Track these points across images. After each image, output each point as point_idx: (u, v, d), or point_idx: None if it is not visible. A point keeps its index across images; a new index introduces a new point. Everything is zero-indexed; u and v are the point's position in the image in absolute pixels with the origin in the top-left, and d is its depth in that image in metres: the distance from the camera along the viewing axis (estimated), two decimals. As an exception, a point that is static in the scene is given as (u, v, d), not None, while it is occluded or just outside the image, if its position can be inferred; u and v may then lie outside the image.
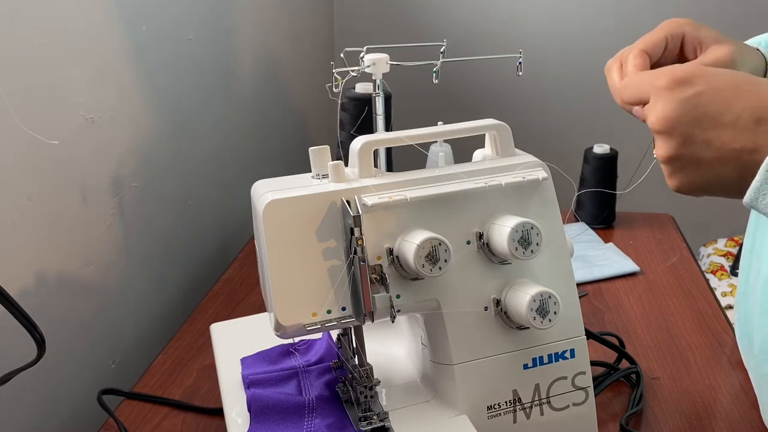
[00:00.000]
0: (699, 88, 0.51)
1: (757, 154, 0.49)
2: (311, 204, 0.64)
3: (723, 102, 0.50)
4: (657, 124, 0.53)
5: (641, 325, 1.05)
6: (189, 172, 1.24)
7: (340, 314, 0.65)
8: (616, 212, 1.41)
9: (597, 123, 2.09)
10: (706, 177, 0.52)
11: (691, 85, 0.51)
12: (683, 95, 0.51)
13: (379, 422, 0.66)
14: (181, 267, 1.23)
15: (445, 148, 1.18)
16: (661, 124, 0.52)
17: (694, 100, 0.51)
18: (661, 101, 0.52)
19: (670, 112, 0.52)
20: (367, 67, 0.78)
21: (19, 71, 0.81)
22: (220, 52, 1.36)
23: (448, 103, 2.09)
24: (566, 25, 2.07)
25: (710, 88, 0.51)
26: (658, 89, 0.53)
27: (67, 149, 0.90)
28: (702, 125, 0.51)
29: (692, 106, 0.51)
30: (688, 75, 0.52)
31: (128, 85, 1.04)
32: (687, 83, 0.52)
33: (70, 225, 0.92)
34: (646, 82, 0.55)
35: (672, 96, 0.52)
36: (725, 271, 1.91)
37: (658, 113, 0.52)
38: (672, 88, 0.52)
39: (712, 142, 0.51)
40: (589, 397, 0.71)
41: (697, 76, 0.52)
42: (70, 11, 0.90)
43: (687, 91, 0.51)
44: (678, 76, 0.52)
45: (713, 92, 0.51)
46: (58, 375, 0.91)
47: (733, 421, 0.84)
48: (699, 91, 0.51)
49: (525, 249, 0.64)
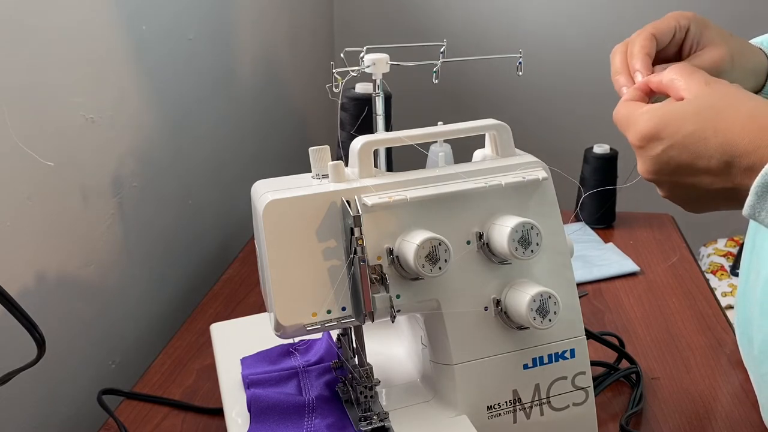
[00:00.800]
0: (667, 142, 0.53)
1: (739, 191, 0.51)
2: (311, 204, 0.64)
3: (691, 153, 0.52)
4: (644, 175, 0.57)
5: (641, 325, 1.05)
6: (189, 172, 1.24)
7: (340, 314, 0.65)
8: (616, 212, 1.41)
9: (597, 123, 2.08)
10: (702, 206, 0.56)
11: (659, 141, 0.54)
12: (654, 152, 0.54)
13: (379, 422, 0.66)
14: (181, 267, 1.23)
15: (445, 148, 1.18)
16: (648, 176, 0.56)
17: (665, 156, 0.54)
18: (640, 158, 0.56)
19: (650, 167, 0.55)
20: (367, 67, 0.78)
21: (20, 71, 0.81)
22: (220, 52, 1.36)
23: (448, 103, 2.09)
24: (566, 25, 2.07)
25: (676, 141, 0.53)
26: (633, 145, 0.56)
27: (67, 149, 0.90)
28: (682, 173, 0.54)
29: (665, 160, 0.54)
30: (653, 131, 0.54)
31: (128, 85, 1.04)
32: (654, 139, 0.54)
33: (70, 225, 0.92)
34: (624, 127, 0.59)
35: (645, 154, 0.55)
36: (725, 271, 1.91)
37: (641, 168, 0.56)
38: (643, 146, 0.55)
39: (696, 185, 0.54)
40: (589, 397, 0.71)
41: (662, 129, 0.54)
42: (70, 11, 0.90)
43: (656, 148, 0.54)
44: (644, 133, 0.55)
45: (680, 146, 0.53)
46: (58, 375, 0.91)
47: (733, 422, 0.84)
48: (668, 145, 0.53)
49: (525, 249, 0.64)
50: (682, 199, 0.57)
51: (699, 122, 0.52)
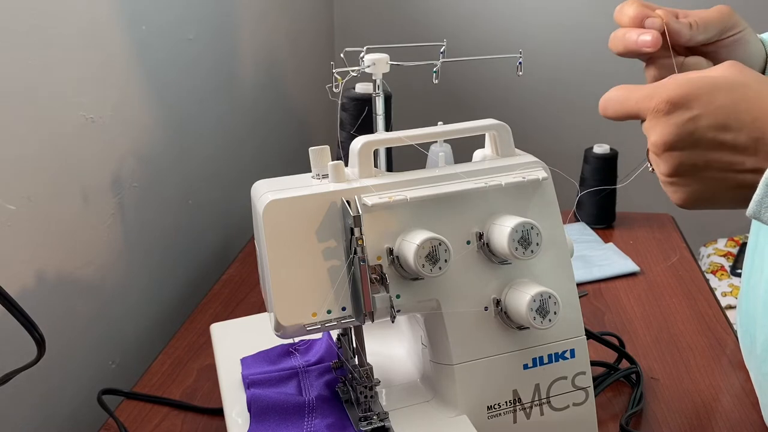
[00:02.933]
0: (696, 111, 0.50)
1: (758, 173, 0.49)
2: (311, 204, 0.64)
3: (720, 124, 0.49)
4: (656, 148, 0.52)
5: (641, 325, 1.05)
6: (189, 172, 1.24)
7: (340, 314, 0.65)
8: (616, 212, 1.42)
9: (597, 123, 2.08)
10: (709, 193, 0.52)
11: (688, 109, 0.50)
12: (680, 119, 0.50)
13: (379, 422, 0.66)
14: (181, 267, 1.23)
15: (445, 148, 1.18)
16: (661, 148, 0.51)
17: (691, 124, 0.50)
18: (659, 126, 0.51)
19: (669, 136, 0.50)
20: (367, 67, 0.78)
21: (20, 71, 0.81)
22: (221, 52, 1.36)
23: (448, 103, 2.09)
24: (566, 25, 2.07)
25: (706, 111, 0.50)
26: (654, 113, 0.51)
27: (67, 149, 0.90)
28: (701, 147, 0.50)
29: (690, 130, 0.50)
30: (683, 98, 0.50)
31: (128, 85, 1.04)
32: (683, 107, 0.50)
33: (70, 225, 0.92)
34: (635, 100, 0.53)
35: (669, 120, 0.50)
36: (725, 271, 1.91)
37: (657, 138, 0.51)
38: (669, 112, 0.50)
39: (712, 163, 0.50)
40: (589, 397, 0.71)
41: (694, 99, 0.50)
42: (71, 11, 0.90)
43: (684, 115, 0.50)
44: (673, 99, 0.50)
45: (710, 115, 0.49)
46: (58, 375, 0.91)
47: (734, 422, 0.84)
48: (696, 114, 0.50)
49: (525, 249, 0.64)
50: (690, 180, 0.52)
51: (732, 95, 0.49)
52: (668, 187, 0.54)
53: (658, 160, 0.53)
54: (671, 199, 0.54)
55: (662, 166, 0.52)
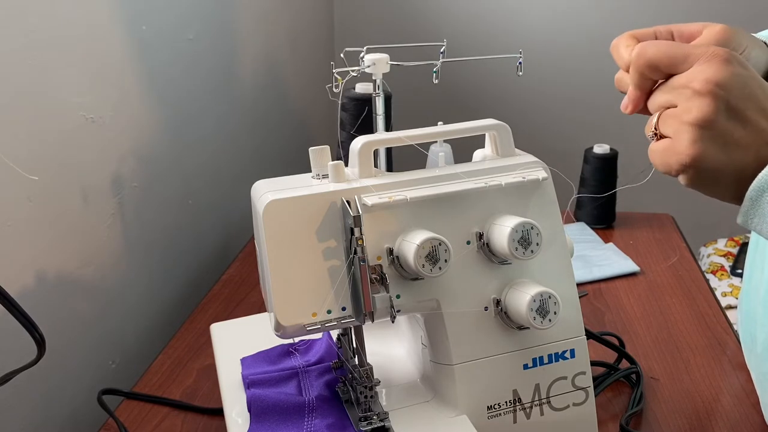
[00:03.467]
0: (751, 72, 0.52)
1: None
2: (311, 204, 0.64)
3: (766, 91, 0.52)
4: (706, 84, 0.51)
5: (641, 325, 1.05)
6: (189, 172, 1.24)
7: (340, 314, 0.65)
8: (616, 212, 1.42)
9: (597, 123, 2.09)
10: (725, 154, 0.51)
11: (745, 67, 0.52)
12: (739, 70, 0.52)
13: (379, 422, 0.66)
14: (181, 267, 1.23)
15: (445, 148, 1.18)
16: (712, 87, 0.51)
17: (746, 79, 0.52)
18: (715, 66, 0.52)
19: (724, 78, 0.51)
20: (367, 67, 0.78)
21: (20, 71, 0.81)
22: (221, 52, 1.36)
23: (448, 103, 2.09)
24: (566, 25, 2.07)
25: (757, 77, 0.53)
26: (715, 56, 0.52)
27: (67, 149, 0.90)
28: (747, 103, 0.51)
29: (744, 82, 0.52)
30: (741, 59, 0.53)
31: (128, 85, 1.04)
32: (743, 64, 0.53)
33: (70, 225, 0.92)
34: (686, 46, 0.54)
35: (728, 67, 0.52)
36: (725, 271, 1.91)
37: (711, 75, 0.51)
38: (730, 60, 0.52)
39: (749, 122, 0.51)
40: (589, 397, 0.71)
41: (747, 66, 0.53)
42: (71, 11, 0.90)
43: (742, 69, 0.52)
44: (735, 55, 0.53)
45: (760, 81, 0.52)
46: (58, 375, 0.91)
47: (734, 422, 0.84)
48: (751, 74, 0.52)
49: (525, 249, 0.64)
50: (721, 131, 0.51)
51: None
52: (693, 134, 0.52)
53: (699, 101, 0.52)
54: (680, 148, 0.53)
55: (701, 108, 0.52)
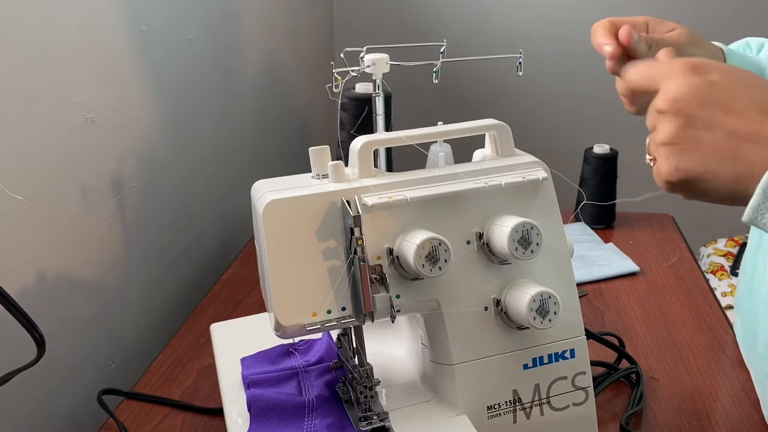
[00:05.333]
0: (715, 76, 0.52)
1: (757, 144, 0.50)
2: (311, 204, 0.64)
3: (735, 91, 0.51)
4: (664, 104, 0.53)
5: (641, 325, 1.05)
6: (189, 172, 1.24)
7: (340, 314, 0.65)
8: (616, 212, 1.41)
9: (597, 123, 2.09)
10: (702, 164, 0.52)
11: (707, 73, 0.52)
12: (696, 80, 0.52)
13: (379, 422, 0.66)
14: (181, 267, 1.23)
15: (445, 148, 1.18)
16: (669, 104, 0.52)
17: (706, 86, 0.52)
18: (674, 83, 0.53)
19: (680, 93, 0.52)
20: (367, 67, 0.78)
21: (20, 71, 0.81)
22: (220, 52, 1.36)
23: (448, 103, 2.09)
24: (566, 25, 2.07)
25: (726, 77, 0.52)
26: (673, 72, 0.53)
27: (67, 149, 0.90)
28: (709, 109, 0.51)
29: (703, 91, 0.52)
30: (706, 64, 0.53)
31: (128, 85, 1.04)
32: (704, 71, 0.53)
33: (70, 225, 0.92)
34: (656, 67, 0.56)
35: (686, 80, 0.52)
36: (725, 271, 1.91)
37: (668, 94, 0.53)
38: (687, 72, 0.53)
39: (715, 126, 0.51)
40: (589, 397, 0.71)
41: (716, 68, 0.53)
42: (71, 11, 0.90)
43: (701, 77, 0.52)
44: (696, 63, 0.53)
45: (728, 81, 0.52)
46: (58, 375, 0.91)
47: (733, 421, 0.84)
48: (714, 79, 0.52)
49: (525, 249, 0.64)
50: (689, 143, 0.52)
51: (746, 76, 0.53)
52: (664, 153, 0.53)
53: (662, 122, 0.53)
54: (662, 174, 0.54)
55: (664, 128, 0.53)
